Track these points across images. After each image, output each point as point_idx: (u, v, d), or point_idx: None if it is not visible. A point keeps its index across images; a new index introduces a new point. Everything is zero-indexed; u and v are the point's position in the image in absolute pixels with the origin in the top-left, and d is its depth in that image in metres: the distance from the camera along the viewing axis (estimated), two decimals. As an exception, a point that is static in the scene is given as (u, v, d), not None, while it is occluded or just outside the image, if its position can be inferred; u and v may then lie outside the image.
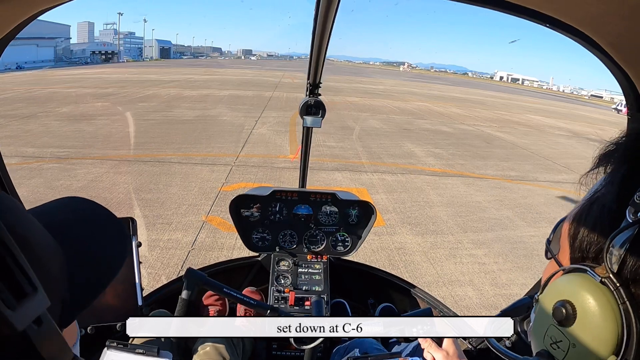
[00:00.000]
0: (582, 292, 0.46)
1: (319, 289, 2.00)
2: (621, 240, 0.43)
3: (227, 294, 1.40)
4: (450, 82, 72.88)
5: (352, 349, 1.67)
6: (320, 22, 1.26)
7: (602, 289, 0.45)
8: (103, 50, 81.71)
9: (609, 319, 0.44)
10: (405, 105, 22.75)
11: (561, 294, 0.49)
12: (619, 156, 0.50)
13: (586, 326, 0.45)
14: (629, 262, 0.43)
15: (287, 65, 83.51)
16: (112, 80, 25.90)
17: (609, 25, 0.63)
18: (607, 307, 0.44)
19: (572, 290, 0.48)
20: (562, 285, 0.50)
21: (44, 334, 0.38)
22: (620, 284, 0.44)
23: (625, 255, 0.43)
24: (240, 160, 8.31)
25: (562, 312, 0.48)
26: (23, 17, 0.80)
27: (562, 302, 0.48)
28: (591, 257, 0.49)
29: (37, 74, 32.33)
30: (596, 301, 0.45)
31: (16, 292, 0.36)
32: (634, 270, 0.43)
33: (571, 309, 0.47)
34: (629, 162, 0.49)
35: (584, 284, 0.47)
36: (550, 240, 0.62)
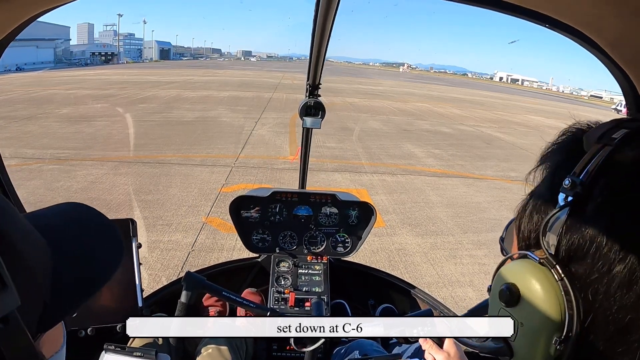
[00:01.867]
0: (524, 273, 0.49)
1: (319, 290, 2.00)
2: (555, 223, 0.47)
3: (226, 297, 1.39)
4: (449, 83, 72.96)
5: (351, 350, 1.67)
6: (320, 22, 1.26)
7: (542, 269, 0.48)
8: (103, 52, 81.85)
9: (551, 296, 0.46)
10: (405, 106, 22.77)
11: (506, 279, 0.52)
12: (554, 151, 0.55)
13: (531, 305, 0.48)
14: (563, 241, 0.46)
15: (286, 66, 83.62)
16: (112, 82, 25.91)
17: (608, 26, 0.63)
18: (547, 285, 0.47)
19: (515, 273, 0.51)
20: (506, 270, 0.53)
21: (10, 333, 0.37)
22: (556, 263, 0.47)
23: (560, 236, 0.47)
24: (240, 162, 8.31)
25: (507, 294, 0.50)
26: (23, 18, 0.80)
27: (506, 284, 0.51)
28: (533, 243, 0.52)
29: (36, 76, 32.35)
30: (537, 280, 0.48)
31: None
32: (568, 249, 0.46)
33: (515, 289, 0.50)
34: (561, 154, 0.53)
35: (525, 266, 0.50)
36: (504, 238, 0.68)
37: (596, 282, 0.44)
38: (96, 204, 4.06)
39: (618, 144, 0.45)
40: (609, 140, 0.46)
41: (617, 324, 0.43)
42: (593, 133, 0.50)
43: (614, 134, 0.47)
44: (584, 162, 0.47)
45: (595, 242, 0.44)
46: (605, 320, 0.44)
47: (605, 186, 0.45)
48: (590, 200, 0.45)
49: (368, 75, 71.81)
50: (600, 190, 0.45)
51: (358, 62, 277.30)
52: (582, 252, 0.45)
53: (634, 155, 0.44)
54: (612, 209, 0.44)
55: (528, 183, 0.57)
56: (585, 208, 0.45)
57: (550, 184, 0.52)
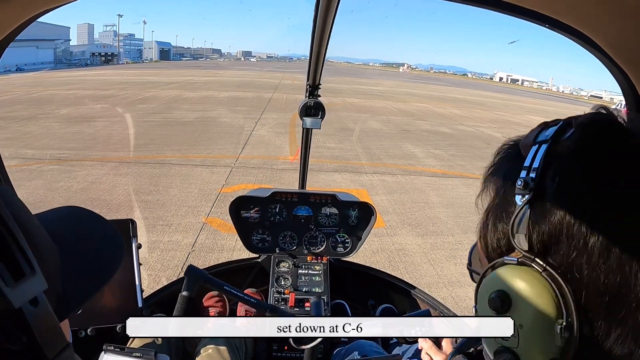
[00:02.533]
0: (507, 277, 0.50)
1: (319, 290, 2.00)
2: (521, 222, 0.49)
3: (227, 292, 1.41)
4: (449, 83, 72.98)
5: (351, 351, 1.66)
6: (320, 23, 1.26)
7: (522, 268, 0.49)
8: (103, 52, 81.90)
9: (540, 289, 0.47)
10: (405, 106, 22.78)
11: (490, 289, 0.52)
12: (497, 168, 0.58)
13: (523, 304, 0.48)
14: (534, 236, 0.48)
15: (286, 67, 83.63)
16: (112, 82, 25.92)
17: (608, 26, 0.63)
18: (533, 280, 0.48)
19: (497, 281, 0.51)
20: (487, 282, 0.53)
21: (39, 314, 0.39)
22: (535, 256, 0.48)
23: (529, 232, 0.48)
24: (240, 162, 8.32)
25: (496, 301, 0.50)
26: (23, 18, 0.80)
27: (494, 292, 0.51)
28: (504, 250, 0.53)
29: (36, 76, 32.38)
30: (522, 279, 0.48)
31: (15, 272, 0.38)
32: (541, 240, 0.48)
33: (504, 295, 0.50)
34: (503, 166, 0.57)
35: (505, 271, 0.51)
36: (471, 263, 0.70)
37: (577, 259, 0.46)
38: (96, 205, 4.06)
39: (553, 139, 0.50)
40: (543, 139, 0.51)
41: (609, 291, 0.45)
42: (527, 139, 0.54)
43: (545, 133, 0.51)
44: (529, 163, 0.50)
45: (563, 224, 0.46)
46: (598, 292, 0.45)
47: (555, 174, 0.47)
48: (546, 191, 0.47)
49: (368, 75, 71.83)
50: (551, 179, 0.47)
51: (358, 62, 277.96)
52: (554, 238, 0.47)
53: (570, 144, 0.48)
54: (568, 190, 0.46)
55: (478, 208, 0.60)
56: (544, 199, 0.48)
57: (503, 193, 0.54)
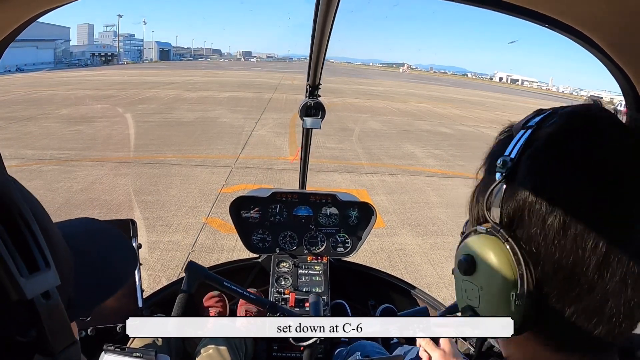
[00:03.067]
0: (475, 244, 0.56)
1: (319, 290, 2.00)
2: (495, 197, 0.53)
3: (227, 288, 1.41)
4: (449, 83, 73.01)
5: (353, 352, 1.66)
6: (320, 23, 1.26)
7: (490, 237, 0.54)
8: (102, 52, 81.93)
9: (501, 257, 0.52)
10: (405, 106, 22.79)
11: (461, 252, 0.58)
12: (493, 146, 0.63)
13: (486, 269, 0.53)
14: (504, 210, 0.52)
15: (286, 67, 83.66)
16: (112, 82, 25.93)
17: (608, 26, 0.63)
18: (497, 248, 0.52)
19: (468, 246, 0.57)
20: (461, 247, 0.59)
21: (51, 308, 0.40)
22: (501, 228, 0.52)
23: (501, 207, 0.53)
24: (240, 162, 8.32)
25: (463, 263, 0.56)
26: (23, 19, 0.80)
27: (463, 256, 0.57)
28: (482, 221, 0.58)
29: (36, 76, 32.38)
30: (487, 247, 0.53)
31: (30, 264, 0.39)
32: (508, 214, 0.52)
33: (470, 258, 0.55)
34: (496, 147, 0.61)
35: (475, 238, 0.56)
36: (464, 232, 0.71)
37: (536, 236, 0.50)
38: (96, 205, 4.07)
39: (537, 124, 0.54)
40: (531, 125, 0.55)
41: (563, 270, 0.48)
42: (518, 123, 0.59)
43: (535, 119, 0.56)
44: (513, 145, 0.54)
45: (527, 202, 0.50)
46: (553, 268, 0.49)
47: (529, 156, 0.52)
48: (519, 170, 0.52)
49: (368, 75, 71.85)
50: (525, 160, 0.52)
51: (358, 62, 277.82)
52: (519, 214, 0.51)
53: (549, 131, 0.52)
54: (536, 172, 0.51)
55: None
56: (515, 178, 0.52)
57: (488, 171, 0.59)
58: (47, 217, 0.49)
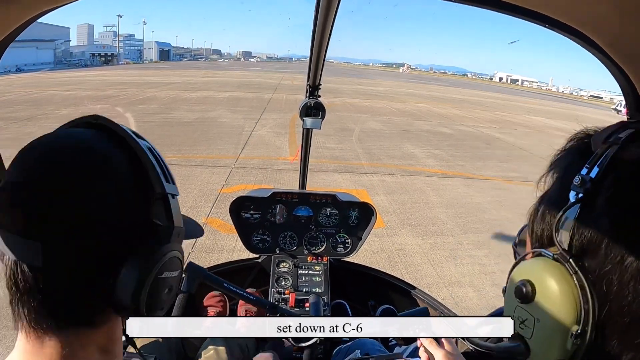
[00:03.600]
0: (539, 270, 0.50)
1: (320, 291, 2.00)
2: (567, 219, 0.48)
3: (227, 289, 1.42)
4: (449, 84, 73.02)
5: (353, 350, 1.67)
6: (320, 23, 1.26)
7: (556, 264, 0.49)
8: (102, 53, 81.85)
9: (566, 291, 0.47)
10: (404, 106, 22.79)
11: (521, 277, 0.52)
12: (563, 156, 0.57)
13: (546, 300, 0.49)
14: (576, 237, 0.47)
15: (286, 67, 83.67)
16: (112, 83, 25.92)
17: (608, 26, 0.63)
18: (562, 279, 0.48)
19: (530, 270, 0.52)
20: (520, 269, 0.54)
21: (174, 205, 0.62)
22: (570, 257, 0.47)
23: (573, 231, 0.47)
24: (240, 162, 8.32)
25: (522, 290, 0.51)
26: (23, 19, 0.80)
27: (522, 281, 0.51)
28: (546, 242, 0.53)
29: (36, 76, 32.36)
30: (551, 275, 0.48)
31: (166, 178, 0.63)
32: (581, 243, 0.47)
33: (530, 286, 0.50)
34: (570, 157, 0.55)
35: (539, 263, 0.51)
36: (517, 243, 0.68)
37: (609, 273, 0.45)
38: (96, 205, 4.04)
39: (624, 143, 0.47)
40: (615, 140, 0.48)
41: (632, 315, 0.44)
42: (600, 135, 0.51)
43: (620, 134, 0.49)
44: (593, 161, 0.48)
45: (606, 235, 0.45)
46: (620, 311, 0.44)
47: (614, 181, 0.46)
48: (600, 196, 0.46)
49: (368, 75, 71.86)
50: (608, 186, 0.46)
51: (358, 62, 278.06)
52: (594, 246, 0.46)
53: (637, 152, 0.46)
54: (620, 202, 0.45)
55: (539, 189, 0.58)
56: (595, 203, 0.46)
57: (560, 184, 0.53)
58: None
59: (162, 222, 0.59)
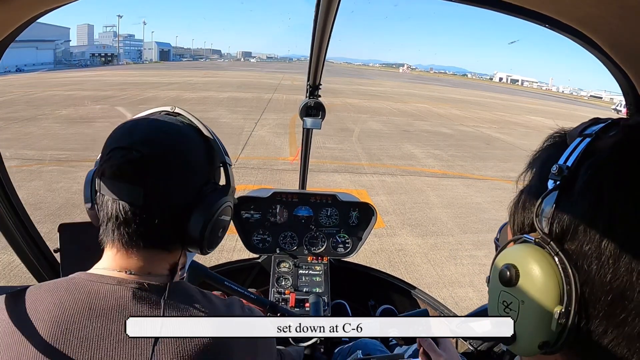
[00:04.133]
0: (521, 254, 0.52)
1: (320, 291, 2.00)
2: (547, 205, 0.50)
3: (227, 287, 1.42)
4: (449, 84, 73.02)
5: (354, 350, 1.66)
6: (320, 23, 1.26)
7: (538, 248, 0.51)
8: (102, 53, 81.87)
9: (548, 272, 0.49)
10: (404, 106, 22.79)
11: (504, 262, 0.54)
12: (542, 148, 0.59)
13: (530, 282, 0.50)
14: (555, 221, 0.49)
15: (286, 67, 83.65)
16: (112, 83, 25.93)
17: (608, 26, 0.63)
18: (544, 261, 0.49)
19: (512, 255, 0.53)
20: (503, 255, 0.55)
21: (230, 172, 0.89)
22: (551, 240, 0.49)
23: (552, 217, 0.49)
24: (240, 162, 8.32)
25: (506, 274, 0.52)
26: (23, 19, 0.80)
27: (505, 265, 0.53)
28: (527, 230, 0.55)
29: (36, 77, 32.37)
30: (533, 258, 0.50)
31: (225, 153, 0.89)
32: (561, 227, 0.49)
33: (514, 269, 0.52)
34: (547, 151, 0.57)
35: (521, 248, 0.53)
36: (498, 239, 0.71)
37: (589, 253, 0.47)
38: (96, 205, 3.98)
39: (598, 134, 0.50)
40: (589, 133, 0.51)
41: (613, 292, 0.45)
42: (574, 130, 0.55)
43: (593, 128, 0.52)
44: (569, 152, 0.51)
45: (584, 218, 0.47)
46: (602, 289, 0.46)
47: (589, 167, 0.48)
48: (577, 181, 0.48)
49: (368, 76, 71.88)
50: (584, 171, 0.48)
51: (358, 62, 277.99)
52: (573, 228, 0.48)
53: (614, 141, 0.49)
54: (596, 186, 0.47)
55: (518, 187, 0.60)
56: (572, 189, 0.49)
57: (539, 176, 0.55)
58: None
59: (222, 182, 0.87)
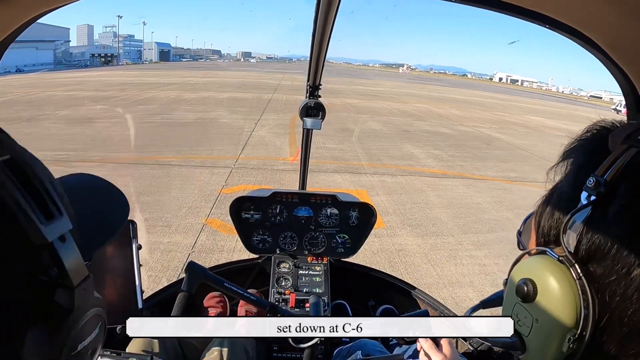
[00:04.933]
0: (542, 270, 0.49)
1: (320, 291, 2.00)
2: (577, 221, 0.46)
3: (227, 289, 1.42)
4: (449, 84, 73.03)
5: (354, 350, 1.66)
6: (320, 24, 1.26)
7: (561, 266, 0.48)
8: (102, 53, 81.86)
9: (568, 294, 0.46)
10: (404, 107, 22.79)
11: (523, 274, 0.52)
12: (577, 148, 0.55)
13: (547, 301, 0.48)
14: (584, 241, 0.46)
15: (286, 68, 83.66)
16: (112, 83, 25.92)
17: (608, 26, 0.63)
18: (565, 283, 0.47)
19: (533, 269, 0.51)
20: (524, 266, 0.53)
21: (68, 249, 0.44)
22: (575, 261, 0.46)
23: (581, 235, 0.46)
24: (240, 163, 8.32)
25: (523, 289, 0.50)
26: (23, 19, 0.80)
27: (524, 279, 0.51)
28: (552, 240, 0.52)
29: (36, 77, 32.36)
30: (555, 278, 0.48)
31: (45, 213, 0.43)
32: (588, 248, 0.46)
33: (532, 285, 0.50)
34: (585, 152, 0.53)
35: (543, 262, 0.50)
36: (521, 232, 0.68)
37: (614, 283, 0.44)
38: (96, 206, 3.99)
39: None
40: (635, 142, 0.45)
41: (631, 326, 0.43)
42: (619, 133, 0.48)
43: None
44: (609, 162, 0.46)
45: (615, 243, 0.44)
46: (620, 322, 0.44)
47: (630, 188, 0.44)
48: (614, 201, 0.44)
49: (368, 76, 71.88)
50: (624, 192, 0.44)
51: (358, 63, 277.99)
52: (602, 252, 0.45)
53: None
54: (635, 212, 0.43)
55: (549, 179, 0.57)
56: (607, 208, 0.45)
57: (573, 182, 0.51)
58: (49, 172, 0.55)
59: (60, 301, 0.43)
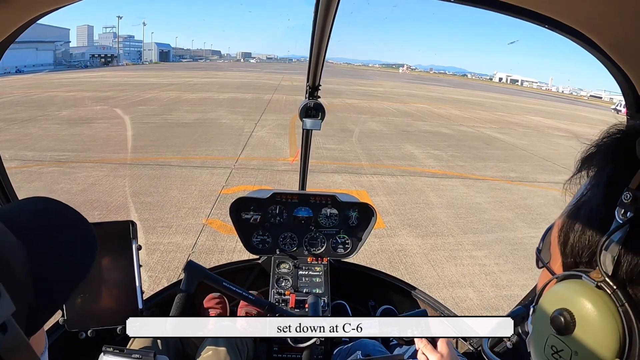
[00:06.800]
0: (579, 299, 0.45)
1: (320, 291, 1.99)
2: (613, 241, 0.43)
3: (226, 288, 1.41)
4: (449, 84, 73.03)
5: (354, 350, 1.66)
6: (320, 24, 1.26)
7: (599, 293, 0.44)
8: (102, 54, 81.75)
9: (609, 323, 0.43)
10: (404, 107, 22.79)
11: (558, 303, 0.48)
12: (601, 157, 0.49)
13: (587, 332, 0.44)
14: (623, 263, 0.42)
15: (286, 68, 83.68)
16: (112, 84, 25.92)
17: (608, 26, 0.63)
18: (606, 311, 0.43)
19: (569, 297, 0.47)
20: (557, 293, 0.49)
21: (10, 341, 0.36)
22: (616, 287, 0.43)
23: (619, 256, 0.42)
24: (240, 163, 8.31)
25: (560, 320, 0.46)
26: (23, 20, 0.80)
27: (560, 310, 0.47)
28: (584, 261, 0.48)
29: (36, 78, 32.38)
30: (594, 306, 0.44)
31: None
32: (629, 271, 0.42)
33: (569, 316, 0.46)
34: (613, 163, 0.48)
35: (580, 289, 0.46)
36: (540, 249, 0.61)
37: None
38: (96, 206, 4.06)
39: None
40: None
41: None
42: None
43: None
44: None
45: None
46: None
47: None
48: None
49: (367, 76, 71.91)
50: None
51: (357, 63, 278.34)
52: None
53: None
54: None
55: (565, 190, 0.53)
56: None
57: (604, 196, 0.47)
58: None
59: None
